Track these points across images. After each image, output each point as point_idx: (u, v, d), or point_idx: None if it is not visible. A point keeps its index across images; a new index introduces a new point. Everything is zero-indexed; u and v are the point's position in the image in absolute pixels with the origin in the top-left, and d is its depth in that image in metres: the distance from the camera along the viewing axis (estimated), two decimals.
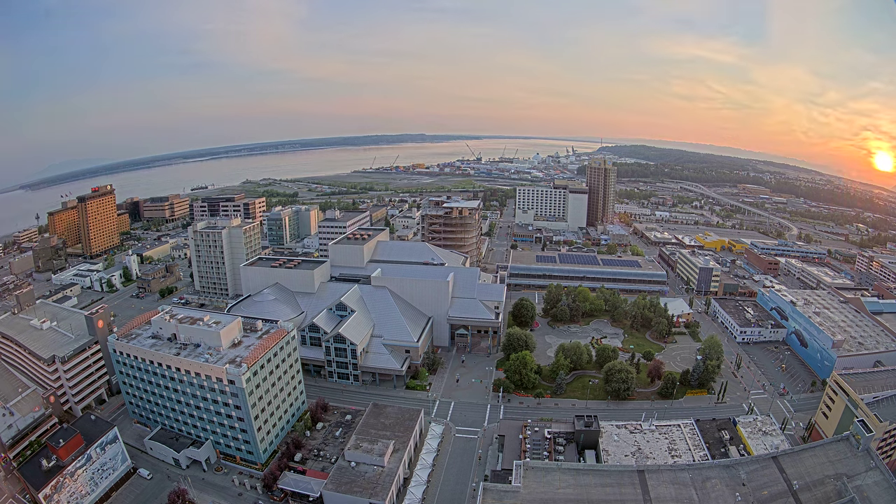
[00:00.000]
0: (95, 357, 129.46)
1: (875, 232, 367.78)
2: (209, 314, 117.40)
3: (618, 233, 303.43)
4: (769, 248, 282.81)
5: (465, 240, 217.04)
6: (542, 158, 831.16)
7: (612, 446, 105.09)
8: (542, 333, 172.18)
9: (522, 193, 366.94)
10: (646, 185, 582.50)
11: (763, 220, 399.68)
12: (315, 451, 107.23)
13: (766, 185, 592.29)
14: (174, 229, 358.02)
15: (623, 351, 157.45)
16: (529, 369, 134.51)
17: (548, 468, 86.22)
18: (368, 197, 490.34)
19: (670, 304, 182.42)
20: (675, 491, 79.98)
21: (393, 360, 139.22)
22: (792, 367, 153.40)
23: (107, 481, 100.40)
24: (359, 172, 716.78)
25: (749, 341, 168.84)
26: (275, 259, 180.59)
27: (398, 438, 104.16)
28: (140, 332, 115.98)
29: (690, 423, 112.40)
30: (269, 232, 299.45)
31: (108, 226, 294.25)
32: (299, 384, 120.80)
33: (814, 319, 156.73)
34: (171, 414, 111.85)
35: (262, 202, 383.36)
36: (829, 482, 80.00)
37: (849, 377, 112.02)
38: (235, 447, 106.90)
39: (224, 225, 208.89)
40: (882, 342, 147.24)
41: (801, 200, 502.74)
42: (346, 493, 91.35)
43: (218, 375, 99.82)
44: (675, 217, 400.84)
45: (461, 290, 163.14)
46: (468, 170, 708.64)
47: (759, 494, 79.07)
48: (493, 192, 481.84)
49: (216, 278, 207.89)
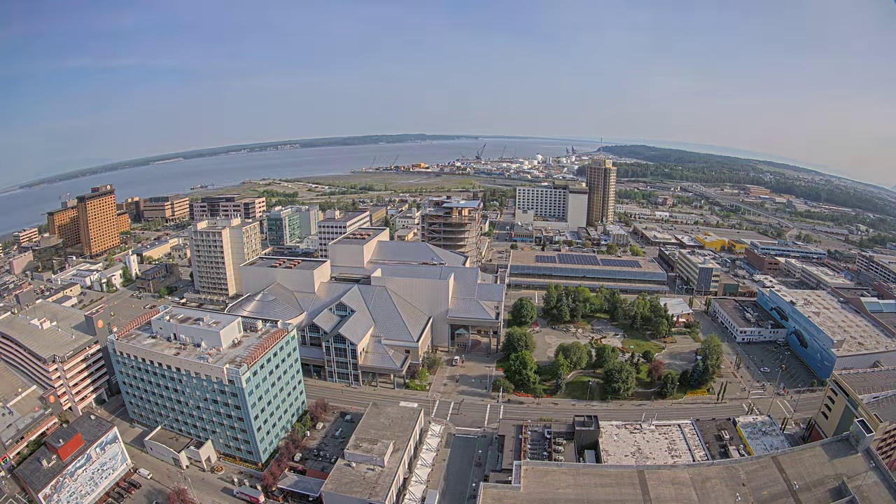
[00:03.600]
0: (95, 357, 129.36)
1: (875, 232, 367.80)
2: (209, 314, 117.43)
3: (618, 233, 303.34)
4: (769, 248, 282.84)
5: (465, 240, 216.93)
6: (542, 158, 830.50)
7: (611, 446, 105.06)
8: (542, 333, 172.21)
9: (522, 193, 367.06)
10: (646, 185, 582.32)
11: (763, 220, 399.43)
12: (315, 451, 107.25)
13: (766, 185, 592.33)
14: (174, 229, 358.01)
15: (623, 351, 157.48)
16: (529, 369, 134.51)
17: (548, 468, 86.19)
18: (368, 197, 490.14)
19: (670, 304, 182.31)
20: (675, 491, 79.99)
21: (393, 360, 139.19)
22: (792, 367, 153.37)
23: (106, 481, 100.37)
24: (359, 172, 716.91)
25: (749, 341, 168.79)
26: (275, 259, 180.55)
27: (398, 438, 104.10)
28: (140, 332, 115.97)
29: (690, 423, 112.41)
30: (269, 232, 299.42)
31: (107, 226, 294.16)
32: (299, 384, 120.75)
33: (814, 319, 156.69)
34: (171, 414, 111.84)
35: (262, 202, 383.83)
36: (829, 482, 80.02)
37: (849, 377, 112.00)
38: (235, 447, 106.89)
39: (224, 225, 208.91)
40: (882, 342, 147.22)
41: (801, 200, 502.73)
42: (345, 493, 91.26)
43: (218, 375, 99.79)
44: (675, 217, 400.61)
45: (461, 289, 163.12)
46: (468, 170, 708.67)
47: (759, 494, 79.08)
48: (493, 192, 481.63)
49: (216, 278, 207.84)
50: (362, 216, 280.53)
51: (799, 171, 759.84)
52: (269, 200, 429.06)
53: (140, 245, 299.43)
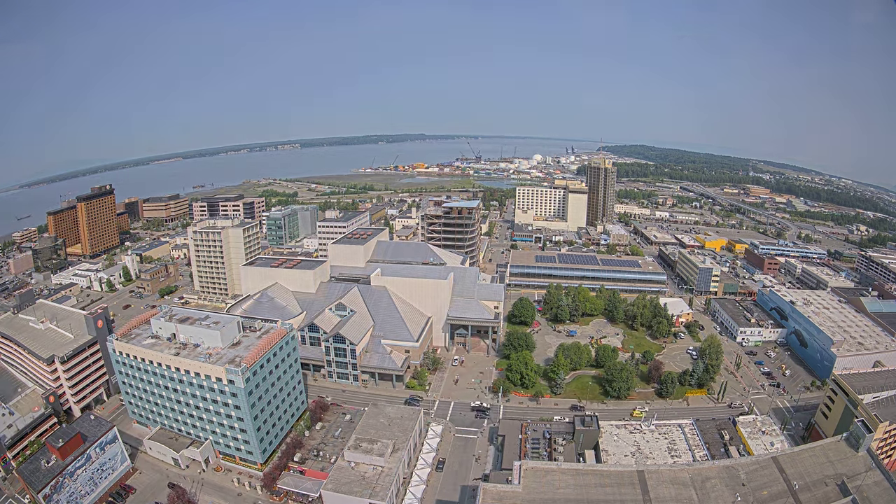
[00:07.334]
0: (95, 357, 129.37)
1: (875, 232, 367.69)
2: (209, 314, 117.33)
3: (618, 233, 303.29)
4: (769, 248, 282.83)
5: (465, 240, 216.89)
6: (542, 158, 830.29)
7: (612, 446, 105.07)
8: (542, 333, 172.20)
9: (522, 193, 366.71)
10: (646, 185, 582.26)
11: (763, 220, 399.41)
12: (315, 451, 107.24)
13: (766, 185, 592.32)
14: (174, 229, 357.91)
15: (623, 351, 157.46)
16: (530, 369, 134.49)
17: (548, 468, 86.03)
18: (368, 197, 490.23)
19: (670, 304, 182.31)
20: (674, 491, 79.79)
21: (393, 360, 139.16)
22: (792, 367, 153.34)
23: (106, 481, 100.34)
24: (359, 172, 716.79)
25: (749, 341, 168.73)
26: (275, 259, 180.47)
27: (398, 438, 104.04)
28: (140, 332, 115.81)
29: (690, 423, 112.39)
30: (269, 232, 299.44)
31: (107, 226, 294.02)
32: (299, 384, 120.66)
33: (814, 319, 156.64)
34: (171, 414, 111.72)
35: (262, 202, 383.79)
36: (829, 482, 79.89)
37: (849, 377, 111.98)
38: (235, 447, 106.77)
39: (224, 225, 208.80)
40: (882, 342, 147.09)
41: (801, 200, 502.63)
42: (345, 493, 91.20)
43: (217, 375, 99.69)
44: (675, 217, 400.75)
45: (461, 289, 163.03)
46: (468, 169, 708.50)
47: (759, 494, 78.93)
48: (493, 192, 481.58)
49: (216, 278, 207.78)
50: (362, 216, 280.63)
51: (799, 170, 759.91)
52: (269, 200, 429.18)
53: (140, 245, 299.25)
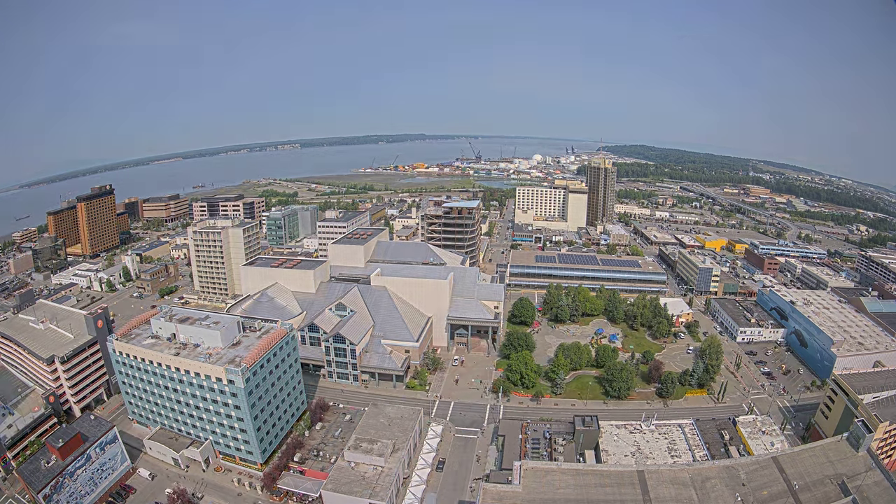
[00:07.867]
0: (95, 357, 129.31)
1: (875, 232, 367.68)
2: (209, 314, 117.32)
3: (618, 233, 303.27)
4: (769, 248, 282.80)
5: (465, 240, 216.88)
6: (542, 158, 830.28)
7: (611, 446, 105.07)
8: (542, 333, 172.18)
9: (522, 193, 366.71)
10: (646, 185, 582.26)
11: (763, 220, 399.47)
12: (315, 451, 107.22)
13: (766, 185, 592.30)
14: (174, 229, 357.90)
15: (623, 351, 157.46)
16: (530, 369, 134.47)
17: (548, 468, 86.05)
18: (368, 197, 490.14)
19: (670, 304, 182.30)
20: (675, 491, 79.82)
21: (393, 360, 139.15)
22: (792, 367, 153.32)
23: (106, 481, 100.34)
24: (359, 173, 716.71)
25: (749, 341, 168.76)
26: (275, 259, 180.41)
27: (398, 438, 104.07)
28: (139, 332, 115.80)
29: (690, 423, 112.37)
30: (269, 232, 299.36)
31: (107, 226, 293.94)
32: (299, 384, 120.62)
33: (814, 319, 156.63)
34: (171, 414, 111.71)
35: (262, 202, 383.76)
36: (829, 482, 79.94)
37: (849, 377, 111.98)
38: (235, 447, 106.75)
39: (224, 225, 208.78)
40: (882, 342, 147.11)
41: (801, 200, 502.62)
42: (345, 493, 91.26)
43: (217, 375, 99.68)
44: (675, 217, 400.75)
45: (460, 289, 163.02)
46: (468, 169, 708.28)
47: (759, 494, 78.98)
48: (493, 192, 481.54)
49: (216, 278, 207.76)
50: (362, 216, 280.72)
51: (799, 170, 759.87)
52: (269, 200, 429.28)
53: (140, 245, 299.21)
